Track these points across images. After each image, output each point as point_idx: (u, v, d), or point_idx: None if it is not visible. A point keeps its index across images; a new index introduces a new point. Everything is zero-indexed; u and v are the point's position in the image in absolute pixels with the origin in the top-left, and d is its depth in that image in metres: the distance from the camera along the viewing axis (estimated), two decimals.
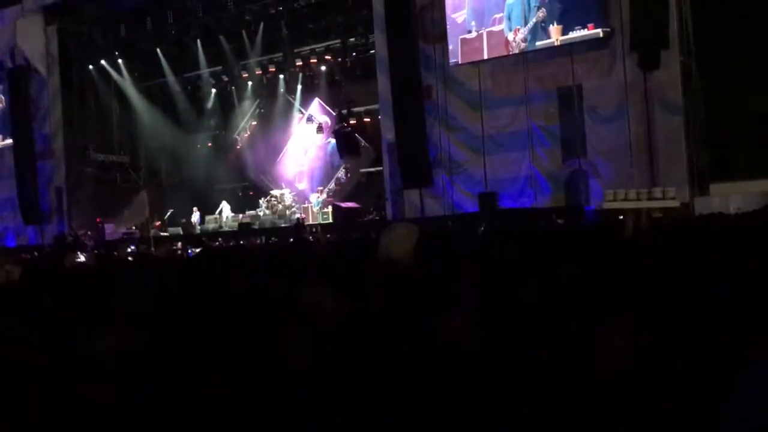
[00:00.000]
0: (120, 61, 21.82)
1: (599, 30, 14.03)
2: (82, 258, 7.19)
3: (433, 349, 1.82)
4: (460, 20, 15.85)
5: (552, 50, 14.85)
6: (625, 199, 5.29)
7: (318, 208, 19.93)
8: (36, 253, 16.58)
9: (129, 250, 10.75)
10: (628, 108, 14.00)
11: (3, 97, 22.23)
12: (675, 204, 5.32)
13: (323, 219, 19.27)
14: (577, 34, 14.30)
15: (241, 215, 20.70)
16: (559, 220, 13.17)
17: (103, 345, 1.99)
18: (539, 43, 14.80)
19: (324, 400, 1.70)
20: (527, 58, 15.18)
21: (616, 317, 2.07)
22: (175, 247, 10.19)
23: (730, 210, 11.71)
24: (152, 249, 11.74)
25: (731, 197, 12.85)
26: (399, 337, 1.83)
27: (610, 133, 14.33)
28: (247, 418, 1.66)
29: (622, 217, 8.96)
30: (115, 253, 8.83)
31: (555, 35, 14.57)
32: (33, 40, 20.93)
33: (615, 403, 1.71)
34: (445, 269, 2.98)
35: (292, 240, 10.47)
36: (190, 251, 9.33)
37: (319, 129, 21.52)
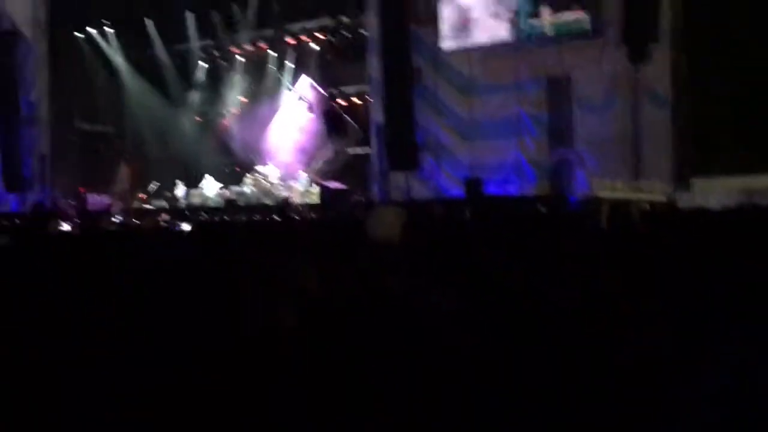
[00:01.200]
0: (109, 30, 21.56)
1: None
2: (65, 226, 7.14)
3: (423, 326, 1.88)
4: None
5: (543, 39, 14.89)
6: (613, 189, 5.31)
7: (302, 186, 19.88)
8: (17, 221, 16.43)
9: (114, 220, 10.71)
10: (616, 100, 14.09)
11: None
12: (662, 198, 5.33)
13: (309, 199, 19.23)
14: (568, 17, 14.40)
15: (226, 191, 20.62)
16: (542, 209, 13.27)
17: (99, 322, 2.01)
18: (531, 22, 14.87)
19: (318, 375, 1.74)
20: (519, 45, 15.20)
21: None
22: (159, 219, 10.14)
23: (712, 205, 11.85)
24: (134, 221, 11.72)
25: (712, 193, 13.00)
26: (390, 314, 1.89)
27: (597, 123, 14.41)
28: (241, 398, 1.70)
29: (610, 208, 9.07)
30: (100, 223, 8.81)
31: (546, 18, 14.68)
32: (20, 3, 20.58)
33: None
34: (430, 250, 3.04)
35: (277, 218, 10.48)
36: (176, 226, 9.32)
37: (308, 108, 21.42)
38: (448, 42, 15.81)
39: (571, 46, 14.61)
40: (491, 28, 15.21)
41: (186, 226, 8.48)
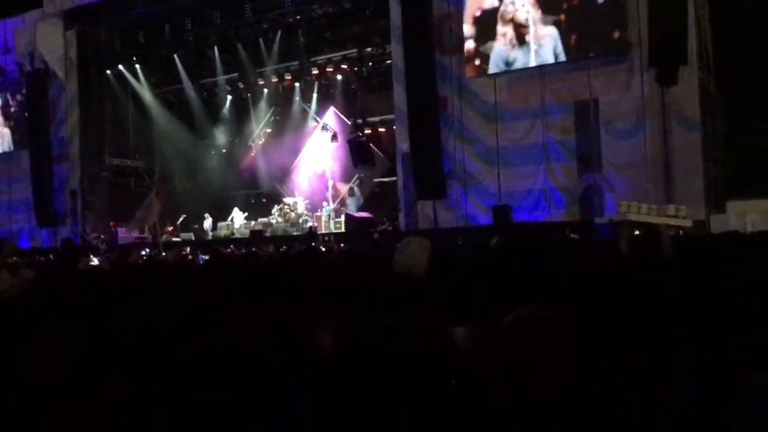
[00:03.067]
0: (137, 66, 21.96)
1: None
2: (95, 261, 7.19)
3: (450, 359, 1.78)
4: None
5: (569, 64, 14.81)
6: (638, 213, 5.11)
7: (327, 216, 19.88)
8: (51, 256, 16.64)
9: (142, 253, 10.80)
10: (645, 123, 13.92)
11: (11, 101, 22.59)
12: (687, 223, 5.12)
13: (336, 228, 19.24)
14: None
15: (253, 222, 20.72)
16: (572, 235, 13.04)
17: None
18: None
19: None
20: (544, 71, 15.12)
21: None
22: (184, 252, 10.19)
23: (747, 228, 11.58)
24: (163, 254, 11.79)
25: (748, 215, 12.71)
26: (415, 345, 1.80)
27: (626, 147, 14.23)
28: None
29: (638, 232, 8.86)
30: (129, 257, 8.89)
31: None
32: (52, 43, 21.12)
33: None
34: (456, 282, 2.95)
35: (303, 249, 10.45)
36: (200, 257, 9.32)
37: (334, 138, 21.54)
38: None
39: (597, 71, 14.52)
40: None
41: (206, 257, 8.54)
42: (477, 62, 15.75)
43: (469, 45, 15.82)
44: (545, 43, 14.83)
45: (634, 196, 13.32)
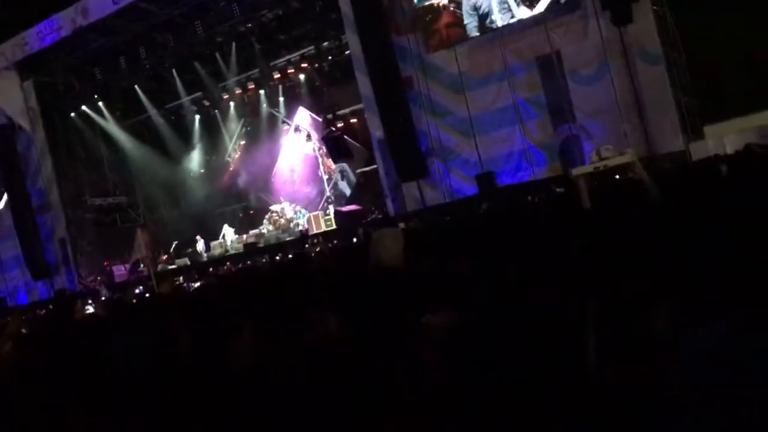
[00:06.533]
0: (100, 103, 21.80)
1: None
2: (90, 309, 7.17)
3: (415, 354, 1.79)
4: None
5: (525, 21, 14.78)
6: (600, 158, 5.05)
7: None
8: (47, 309, 16.60)
9: (136, 291, 10.79)
10: (608, 65, 13.93)
11: None
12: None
13: (327, 225, 19.21)
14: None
15: (245, 236, 20.68)
16: (558, 189, 13.05)
17: None
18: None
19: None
20: (501, 32, 15.09)
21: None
22: (178, 282, 10.16)
23: (727, 150, 11.63)
24: (155, 286, 11.79)
25: (726, 137, 12.74)
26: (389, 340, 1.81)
27: (595, 93, 14.25)
28: None
29: (618, 176, 8.88)
30: (124, 298, 8.83)
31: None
32: (12, 97, 20.92)
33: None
34: (432, 269, 2.95)
35: (290, 257, 10.44)
36: (189, 285, 9.30)
37: (308, 138, 21.47)
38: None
39: (554, 23, 14.50)
40: None
41: (196, 285, 8.50)
42: (451, 8, 15.50)
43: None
44: None
45: (611, 139, 13.32)
